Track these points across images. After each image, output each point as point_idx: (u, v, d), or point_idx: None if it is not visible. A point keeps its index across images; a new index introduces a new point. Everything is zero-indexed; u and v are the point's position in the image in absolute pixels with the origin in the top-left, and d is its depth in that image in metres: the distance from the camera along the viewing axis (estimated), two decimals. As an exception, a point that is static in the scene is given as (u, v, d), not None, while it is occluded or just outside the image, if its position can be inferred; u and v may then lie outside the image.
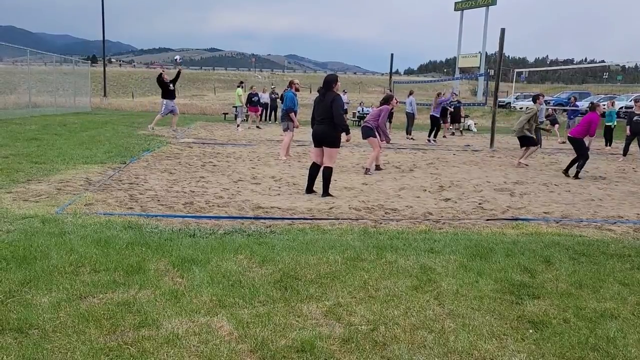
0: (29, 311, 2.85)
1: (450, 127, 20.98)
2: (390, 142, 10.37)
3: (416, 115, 18.85)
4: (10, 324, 2.70)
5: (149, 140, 12.77)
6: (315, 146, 6.90)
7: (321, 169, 6.87)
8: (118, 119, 20.44)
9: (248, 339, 2.66)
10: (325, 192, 6.78)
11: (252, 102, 20.40)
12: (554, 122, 19.08)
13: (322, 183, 6.80)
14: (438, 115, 16.83)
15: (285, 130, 10.98)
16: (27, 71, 21.61)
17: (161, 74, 14.96)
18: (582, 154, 9.43)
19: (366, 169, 9.23)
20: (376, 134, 9.34)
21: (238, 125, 18.26)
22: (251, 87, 22.00)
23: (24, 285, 3.22)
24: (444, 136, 18.79)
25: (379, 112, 9.53)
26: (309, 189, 7.00)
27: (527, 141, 10.83)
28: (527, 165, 10.87)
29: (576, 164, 9.40)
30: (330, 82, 6.59)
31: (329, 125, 6.56)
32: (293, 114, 10.81)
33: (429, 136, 16.58)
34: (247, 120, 20.32)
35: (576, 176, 9.29)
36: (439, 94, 17.34)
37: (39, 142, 10.93)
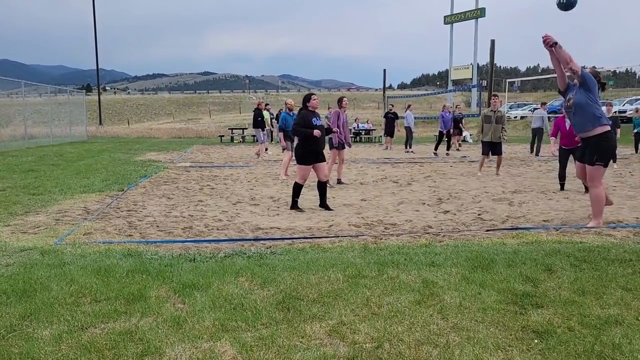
0: (31, 345, 2.82)
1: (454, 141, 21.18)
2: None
3: (413, 129, 19.00)
4: (12, 359, 2.68)
5: (146, 166, 12.80)
6: None
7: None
8: (115, 147, 20.50)
9: (252, 363, 2.64)
10: (292, 204, 7.17)
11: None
12: (615, 124, 18.80)
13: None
14: (441, 129, 17.20)
15: (284, 150, 11.05)
16: (22, 103, 21.73)
17: (260, 104, 16.78)
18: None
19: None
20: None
21: (267, 149, 17.54)
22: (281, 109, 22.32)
23: (25, 318, 3.20)
24: (457, 149, 18.96)
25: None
26: (322, 205, 7.26)
27: (500, 149, 10.96)
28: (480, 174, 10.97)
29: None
30: (303, 100, 7.16)
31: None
32: (282, 133, 10.90)
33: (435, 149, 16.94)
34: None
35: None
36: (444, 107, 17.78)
37: (35, 174, 10.94)
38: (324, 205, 7.19)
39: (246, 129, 25.90)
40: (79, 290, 3.67)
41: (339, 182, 9.79)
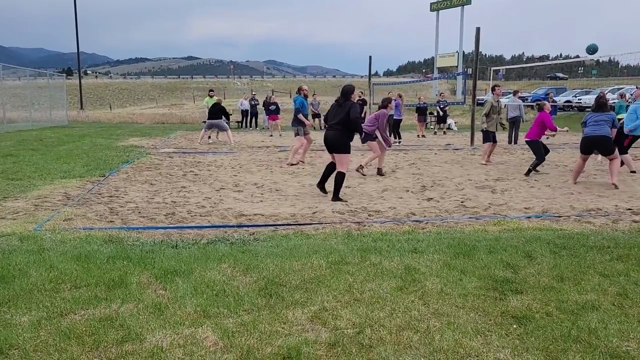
0: (9, 331, 2.79)
1: (433, 127, 21.27)
2: (391, 146, 10.48)
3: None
4: (-11, 346, 2.64)
5: (128, 152, 12.65)
6: (328, 151, 7.20)
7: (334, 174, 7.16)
8: (96, 132, 20.19)
9: (234, 349, 2.64)
10: (335, 197, 6.91)
11: (270, 110, 20.35)
12: None
13: (333, 187, 6.96)
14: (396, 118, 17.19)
15: (296, 135, 11.19)
16: (0, 86, 21.24)
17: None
18: (538, 155, 9.45)
19: (360, 165, 9.47)
20: (376, 137, 9.46)
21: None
22: (267, 96, 22.34)
23: (3, 305, 3.15)
24: (418, 136, 18.97)
25: (375, 117, 9.46)
26: (321, 185, 7.30)
27: (485, 137, 10.82)
28: (486, 163, 10.77)
29: (531, 167, 9.39)
30: (348, 92, 7.05)
31: (340, 131, 6.87)
32: (302, 115, 11.07)
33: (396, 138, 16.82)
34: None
35: (527, 173, 9.19)
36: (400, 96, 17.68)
37: (14, 158, 10.74)
38: (323, 189, 7.31)
39: (231, 114, 25.68)
40: (58, 276, 3.63)
41: (380, 172, 9.65)
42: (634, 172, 9.20)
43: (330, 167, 7.26)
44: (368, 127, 9.38)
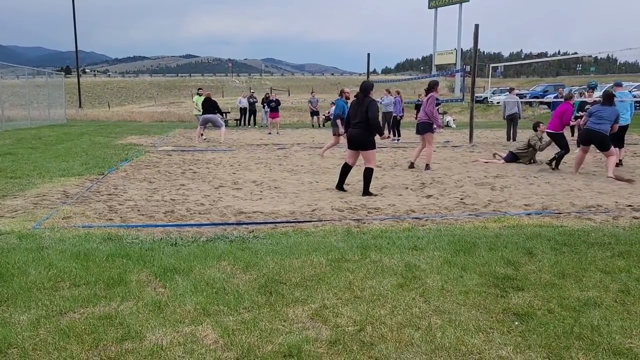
0: (8, 330, 2.77)
1: None
2: (441, 128, 10.86)
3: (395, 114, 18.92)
4: (-13, 345, 2.62)
5: (127, 150, 12.62)
6: (349, 148, 7.33)
7: (351, 170, 7.42)
8: (95, 130, 20.16)
9: (234, 347, 2.62)
10: (365, 192, 7.08)
11: (272, 107, 20.26)
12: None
13: (362, 183, 7.16)
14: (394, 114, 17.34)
15: (335, 135, 11.79)
16: (-2, 85, 21.20)
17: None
18: (564, 146, 9.58)
19: (426, 165, 9.58)
20: (433, 129, 9.61)
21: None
22: (267, 94, 22.42)
23: (2, 303, 3.13)
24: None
25: (425, 102, 9.66)
26: (339, 186, 7.47)
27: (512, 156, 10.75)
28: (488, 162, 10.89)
29: (557, 155, 9.55)
30: (367, 89, 7.11)
31: (364, 129, 6.99)
32: (339, 120, 11.32)
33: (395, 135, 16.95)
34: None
35: (556, 166, 9.47)
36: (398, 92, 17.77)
37: (13, 157, 10.72)
38: (342, 189, 7.42)
39: (229, 112, 25.67)
40: (57, 274, 3.61)
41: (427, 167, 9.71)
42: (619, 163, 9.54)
43: (345, 168, 7.40)
44: (424, 117, 9.59)
